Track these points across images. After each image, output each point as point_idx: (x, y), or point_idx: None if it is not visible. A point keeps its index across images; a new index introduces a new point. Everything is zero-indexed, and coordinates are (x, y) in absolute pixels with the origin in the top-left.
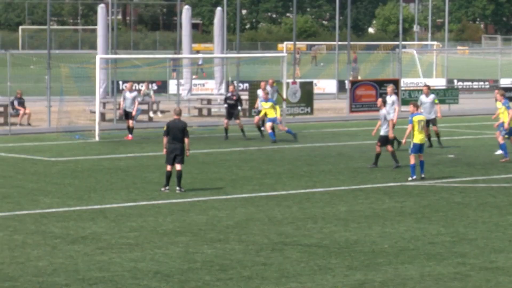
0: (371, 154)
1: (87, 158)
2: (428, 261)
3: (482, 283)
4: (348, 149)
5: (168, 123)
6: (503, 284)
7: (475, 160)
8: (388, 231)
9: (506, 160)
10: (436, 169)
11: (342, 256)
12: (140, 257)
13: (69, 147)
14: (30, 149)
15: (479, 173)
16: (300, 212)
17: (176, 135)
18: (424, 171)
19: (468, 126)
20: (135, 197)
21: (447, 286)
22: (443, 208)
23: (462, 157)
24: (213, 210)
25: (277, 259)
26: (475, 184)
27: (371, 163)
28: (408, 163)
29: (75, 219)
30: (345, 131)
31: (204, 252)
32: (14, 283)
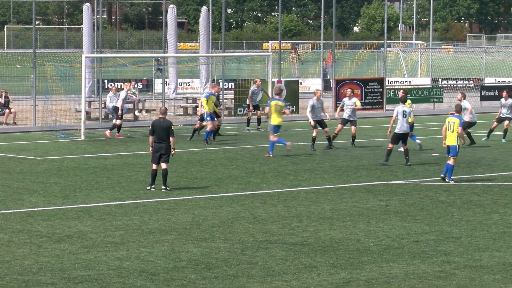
0: (356, 153)
1: (73, 157)
2: (413, 260)
3: (466, 281)
4: (333, 148)
5: (153, 122)
6: (487, 282)
7: (459, 159)
8: (373, 229)
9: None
10: (421, 168)
11: (327, 255)
12: (125, 255)
13: (54, 146)
14: (16, 148)
15: (463, 172)
16: (285, 210)
17: (161, 134)
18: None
19: None
20: (120, 196)
21: (432, 285)
22: (427, 207)
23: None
24: (198, 209)
25: (262, 258)
26: (460, 182)
27: (382, 160)
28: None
29: (60, 218)
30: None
31: (190, 251)
32: (0, 282)
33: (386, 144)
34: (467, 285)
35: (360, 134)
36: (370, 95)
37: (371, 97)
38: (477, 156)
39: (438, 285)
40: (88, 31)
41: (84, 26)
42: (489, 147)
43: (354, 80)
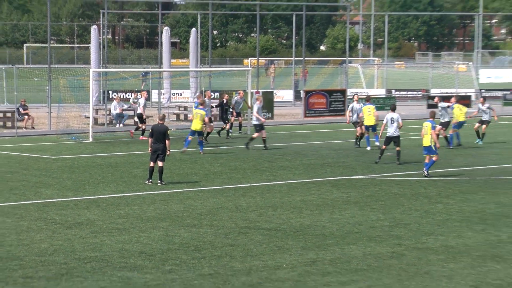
0: (321, 152)
1: (82, 156)
2: (370, 242)
3: (415, 261)
4: (303, 148)
5: (152, 127)
6: (432, 261)
7: (410, 158)
8: (336, 217)
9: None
10: (377, 165)
11: (297, 238)
12: (127, 239)
13: (67, 147)
14: (33, 148)
15: (413, 169)
16: (262, 201)
17: (158, 137)
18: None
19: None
20: (123, 189)
21: (386, 264)
22: (382, 198)
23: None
24: (189, 200)
25: (242, 241)
26: (409, 177)
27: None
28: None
29: (72, 208)
30: (300, 133)
31: (181, 235)
32: (20, 262)
33: (347, 145)
34: (415, 264)
35: (325, 137)
36: (334, 103)
37: (335, 105)
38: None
39: (391, 264)
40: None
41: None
42: None
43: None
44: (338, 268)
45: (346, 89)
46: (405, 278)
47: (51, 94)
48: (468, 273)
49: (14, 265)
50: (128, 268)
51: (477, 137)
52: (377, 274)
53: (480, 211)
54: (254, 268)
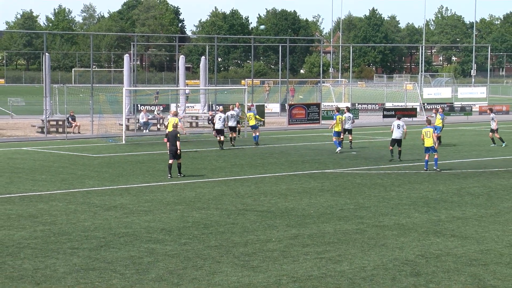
0: (302, 152)
1: (117, 155)
2: (339, 221)
3: (374, 235)
4: (287, 149)
5: (167, 132)
6: (387, 236)
7: (369, 156)
8: (313, 201)
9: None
10: (344, 162)
11: (283, 218)
12: (151, 219)
13: (105, 147)
14: (79, 148)
15: (372, 164)
16: (256, 189)
17: (172, 140)
18: (436, 165)
19: (365, 134)
20: (148, 180)
21: (352, 238)
22: (348, 187)
23: (361, 154)
24: (199, 188)
25: (241, 220)
26: (369, 171)
27: (389, 158)
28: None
29: (109, 194)
30: (285, 137)
31: (194, 216)
32: (69, 236)
33: (322, 147)
34: (374, 238)
35: (304, 139)
36: (311, 114)
37: (312, 115)
38: (380, 154)
39: (355, 238)
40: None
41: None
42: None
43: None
44: (315, 241)
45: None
46: (366, 249)
47: (93, 107)
48: (415, 245)
49: (64, 239)
50: (152, 241)
51: (501, 142)
52: (345, 246)
53: (425, 197)
54: (250, 241)
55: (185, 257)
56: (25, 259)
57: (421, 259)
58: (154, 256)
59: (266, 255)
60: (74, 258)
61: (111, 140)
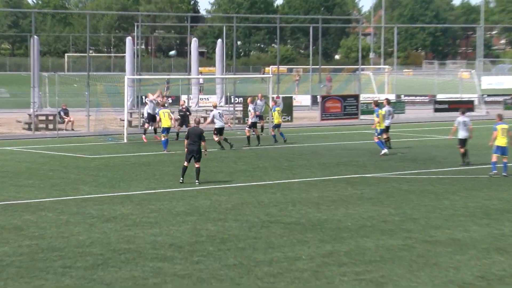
0: (337, 152)
1: (118, 156)
2: (382, 235)
3: (424, 252)
4: (319, 149)
5: (188, 129)
6: (440, 253)
7: (418, 157)
8: (351, 212)
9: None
10: (388, 164)
11: (315, 232)
12: (158, 232)
13: (103, 147)
14: (73, 148)
15: (421, 167)
16: (283, 197)
17: (194, 139)
18: (506, 170)
19: (412, 131)
20: (154, 186)
21: (397, 255)
22: (393, 194)
23: (408, 155)
24: (215, 196)
25: (264, 234)
26: (418, 175)
27: (461, 162)
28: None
29: (108, 203)
30: (317, 134)
31: (208, 229)
32: (60, 253)
33: (360, 146)
34: (424, 256)
35: (340, 138)
36: (348, 108)
37: (349, 109)
38: (431, 155)
39: (402, 255)
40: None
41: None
42: (440, 148)
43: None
44: (353, 259)
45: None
46: (415, 269)
47: (89, 99)
48: (474, 264)
49: (54, 256)
50: (159, 259)
51: None
52: (389, 265)
53: (484, 207)
54: (275, 259)
55: (198, 278)
56: (8, 280)
57: (481, 281)
58: (161, 276)
59: (295, 275)
60: (66, 279)
61: (110, 138)
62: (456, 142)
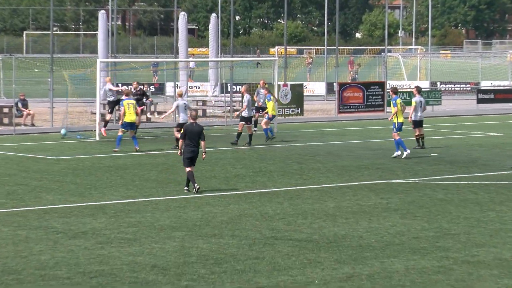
0: (358, 153)
1: (88, 157)
2: (413, 255)
3: (464, 276)
4: (336, 148)
5: (185, 127)
6: (484, 277)
7: (457, 159)
8: (375, 226)
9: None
10: (420, 168)
11: (330, 250)
12: (138, 251)
13: (70, 146)
14: (34, 148)
15: (460, 171)
16: (291, 208)
17: (194, 139)
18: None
19: (450, 126)
20: (133, 194)
21: (431, 279)
22: (426, 205)
23: (445, 156)
24: (207, 206)
25: (269, 253)
26: (457, 181)
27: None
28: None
29: (76, 215)
30: (334, 131)
31: (199, 247)
32: (17, 276)
33: (388, 146)
34: (465, 280)
35: (362, 135)
36: (371, 98)
37: (373, 100)
38: (473, 156)
39: (437, 279)
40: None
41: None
42: (484, 148)
43: (357, 84)
44: (378, 284)
45: (385, 82)
46: None
47: (53, 87)
48: None
49: (11, 280)
50: (139, 283)
51: None
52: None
53: None
54: (281, 284)
55: None
56: None
57: None
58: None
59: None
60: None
61: (79, 135)
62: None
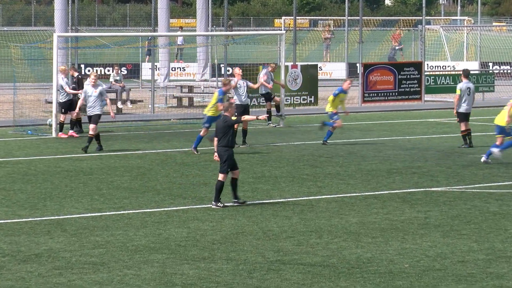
0: (387, 153)
1: (42, 158)
2: (458, 284)
3: None
4: (360, 148)
5: (217, 123)
6: None
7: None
8: (409, 247)
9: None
10: (467, 172)
11: (353, 278)
12: (106, 279)
13: (20, 144)
14: None
15: None
16: (302, 224)
17: (223, 133)
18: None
19: None
20: (100, 206)
21: None
22: (476, 219)
23: (499, 158)
24: (195, 221)
25: (274, 282)
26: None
27: None
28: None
29: (27, 233)
30: (357, 125)
31: (185, 273)
32: None
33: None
34: None
35: (393, 131)
36: (405, 82)
37: (407, 85)
38: None
39: None
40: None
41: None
42: None
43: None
44: None
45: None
46: None
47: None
48: None
49: None
50: None
51: None
52: None
53: None
54: None
55: None
56: None
57: None
58: None
59: None
60: None
61: (30, 131)
62: None
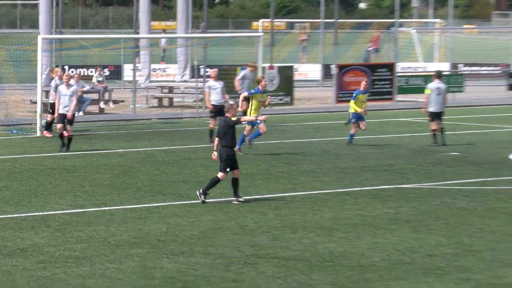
0: (360, 152)
1: (27, 157)
2: (426, 277)
3: None
4: (334, 146)
5: (220, 123)
6: None
7: (483, 159)
8: (380, 241)
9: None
10: (437, 169)
11: (325, 271)
12: (88, 272)
13: (5, 143)
14: None
15: (487, 174)
16: (277, 219)
17: (226, 134)
18: None
19: (475, 119)
20: (83, 203)
21: None
22: (444, 215)
23: (468, 155)
24: (174, 217)
25: (249, 275)
26: (483, 186)
27: None
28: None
29: (12, 228)
30: (331, 125)
31: (164, 267)
32: None
33: (396, 142)
34: None
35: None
36: (378, 83)
37: (380, 86)
38: (503, 156)
39: None
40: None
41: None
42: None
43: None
44: None
45: (395, 63)
46: None
47: None
48: None
49: None
50: None
51: None
52: None
53: None
54: None
55: None
56: None
57: None
58: None
59: None
60: None
61: (15, 130)
62: None
